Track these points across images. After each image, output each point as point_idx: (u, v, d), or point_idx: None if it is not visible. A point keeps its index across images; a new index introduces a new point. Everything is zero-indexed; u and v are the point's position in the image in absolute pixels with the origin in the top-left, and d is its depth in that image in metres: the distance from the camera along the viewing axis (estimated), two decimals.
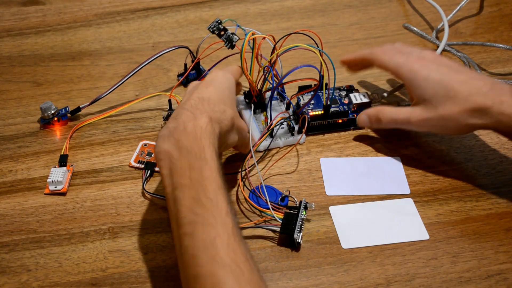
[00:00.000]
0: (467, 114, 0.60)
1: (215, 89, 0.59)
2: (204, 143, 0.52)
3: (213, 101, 0.57)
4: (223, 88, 0.60)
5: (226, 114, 0.57)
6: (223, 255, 0.46)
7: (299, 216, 0.60)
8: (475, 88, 0.60)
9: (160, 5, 0.93)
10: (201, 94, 0.57)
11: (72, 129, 0.72)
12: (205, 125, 0.53)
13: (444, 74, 0.62)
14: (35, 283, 0.57)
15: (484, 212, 0.63)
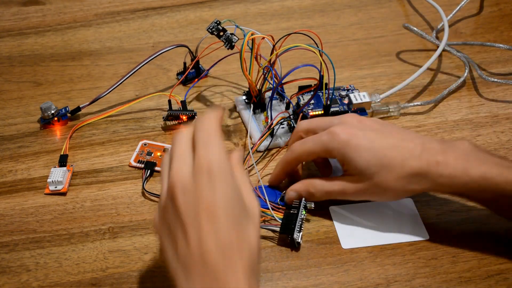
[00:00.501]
0: (404, 181, 0.56)
1: (223, 209, 0.43)
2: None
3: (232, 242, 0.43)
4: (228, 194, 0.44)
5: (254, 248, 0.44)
6: None
7: (299, 216, 0.60)
8: (407, 151, 0.56)
9: (160, 5, 0.93)
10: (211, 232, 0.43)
11: (72, 129, 0.72)
12: None
13: (372, 140, 0.57)
14: (35, 283, 0.57)
15: (484, 212, 0.63)
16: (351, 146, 0.57)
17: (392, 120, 0.74)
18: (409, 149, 0.56)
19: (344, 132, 0.58)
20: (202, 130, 0.46)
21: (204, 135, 0.46)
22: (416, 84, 0.79)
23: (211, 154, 0.44)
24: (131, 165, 0.68)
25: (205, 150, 0.44)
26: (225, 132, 0.72)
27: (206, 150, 0.44)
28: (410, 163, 0.56)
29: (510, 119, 0.74)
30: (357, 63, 0.82)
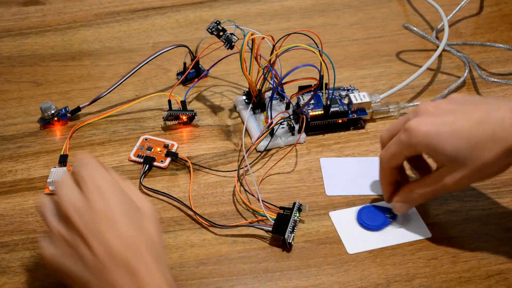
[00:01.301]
0: (502, 155, 0.52)
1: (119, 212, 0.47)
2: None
3: (135, 236, 0.46)
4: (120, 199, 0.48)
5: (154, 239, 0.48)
6: None
7: (292, 217, 0.60)
8: (497, 123, 0.52)
9: (160, 5, 0.93)
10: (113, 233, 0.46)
11: (72, 129, 0.72)
12: (157, 283, 0.45)
13: (452, 123, 0.53)
14: (35, 283, 0.57)
15: (484, 212, 0.63)
16: (432, 136, 0.54)
17: (392, 120, 0.74)
18: (497, 120, 0.52)
19: (421, 124, 0.54)
20: (82, 166, 0.50)
21: (85, 168, 0.49)
22: (416, 84, 0.79)
23: (96, 176, 0.48)
24: (131, 159, 0.68)
25: (90, 176, 0.48)
26: (225, 132, 0.72)
27: (91, 176, 0.48)
28: (502, 135, 0.51)
29: None
30: (357, 63, 0.82)
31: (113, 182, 0.49)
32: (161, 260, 0.47)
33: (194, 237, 0.61)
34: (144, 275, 0.45)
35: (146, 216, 0.49)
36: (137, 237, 0.46)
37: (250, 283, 0.57)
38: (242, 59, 0.66)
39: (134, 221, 0.47)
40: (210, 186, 0.66)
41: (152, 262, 0.46)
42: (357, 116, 0.72)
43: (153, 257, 0.46)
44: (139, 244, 0.46)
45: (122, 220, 0.47)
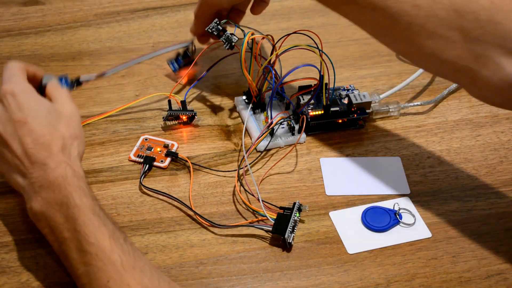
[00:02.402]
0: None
1: (32, 117, 0.55)
2: (69, 190, 0.52)
3: (45, 136, 0.55)
4: (35, 106, 0.57)
5: (66, 136, 0.57)
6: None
7: (292, 217, 0.60)
8: None
9: (160, 5, 0.93)
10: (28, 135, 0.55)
11: None
12: (64, 171, 0.53)
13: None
14: (35, 283, 0.57)
15: (484, 212, 0.63)
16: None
17: (392, 120, 0.74)
18: None
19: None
20: (5, 72, 0.59)
21: (5, 74, 0.59)
22: (416, 84, 0.79)
23: (13, 83, 0.57)
24: (131, 159, 0.68)
25: (7, 83, 0.57)
26: (225, 132, 0.72)
27: (8, 83, 0.57)
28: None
29: (510, 119, 0.74)
30: (357, 63, 0.82)
31: (27, 88, 0.58)
32: (70, 154, 0.55)
33: (194, 237, 0.61)
34: (52, 166, 0.53)
35: (63, 118, 0.57)
36: (48, 136, 0.55)
37: (250, 283, 0.57)
38: (242, 59, 0.66)
39: (46, 123, 0.55)
40: (210, 186, 0.66)
41: (60, 155, 0.54)
42: (357, 116, 0.72)
43: (63, 152, 0.55)
44: (49, 142, 0.54)
45: (34, 122, 0.55)
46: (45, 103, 0.58)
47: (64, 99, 0.60)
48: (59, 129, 0.56)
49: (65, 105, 0.59)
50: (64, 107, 0.59)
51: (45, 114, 0.56)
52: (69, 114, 0.58)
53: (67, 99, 0.60)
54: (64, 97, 0.60)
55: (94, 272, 0.50)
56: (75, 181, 0.53)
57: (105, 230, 0.51)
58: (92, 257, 0.50)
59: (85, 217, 0.51)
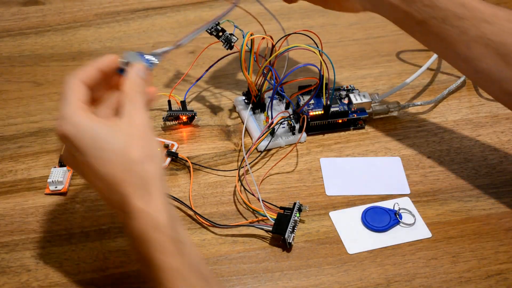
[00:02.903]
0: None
1: (93, 157, 0.47)
2: (150, 249, 0.46)
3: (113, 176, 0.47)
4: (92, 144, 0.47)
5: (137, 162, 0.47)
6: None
7: (292, 217, 0.60)
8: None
9: (160, 5, 0.93)
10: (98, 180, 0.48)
11: None
12: (141, 225, 0.46)
13: None
14: (35, 283, 0.57)
15: (484, 212, 0.63)
16: None
17: (392, 120, 0.74)
18: None
19: None
20: (60, 99, 0.50)
21: (60, 102, 0.49)
22: (416, 84, 0.79)
23: (63, 122, 0.48)
24: None
25: (59, 119, 0.48)
26: (225, 132, 0.72)
27: (59, 119, 0.48)
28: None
29: (510, 119, 0.74)
30: (357, 63, 0.82)
31: (80, 125, 0.47)
32: (145, 189, 0.47)
33: (194, 237, 0.61)
34: (129, 217, 0.46)
35: (130, 138, 0.48)
36: (115, 174, 0.47)
37: (250, 283, 0.57)
38: (242, 59, 0.66)
39: (110, 158, 0.47)
40: (210, 186, 0.66)
41: (135, 200, 0.46)
42: (357, 116, 0.72)
43: (135, 192, 0.46)
44: (119, 183, 0.46)
45: (98, 164, 0.47)
46: (104, 133, 0.47)
47: (136, 107, 0.49)
48: (127, 158, 0.47)
49: (135, 116, 0.49)
50: (134, 119, 0.49)
51: (106, 148, 0.47)
52: (138, 129, 0.48)
53: (138, 106, 0.49)
54: (136, 104, 0.49)
55: None
56: (156, 236, 0.46)
57: None
58: None
59: (169, 283, 0.45)
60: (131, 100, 0.49)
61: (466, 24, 0.56)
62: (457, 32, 0.57)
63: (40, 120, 0.73)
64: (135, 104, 0.49)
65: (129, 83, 0.50)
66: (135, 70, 0.51)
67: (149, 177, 0.47)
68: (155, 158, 0.48)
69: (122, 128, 0.48)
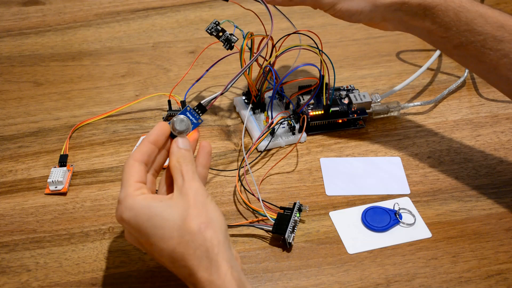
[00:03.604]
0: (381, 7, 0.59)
1: (154, 236, 0.48)
2: None
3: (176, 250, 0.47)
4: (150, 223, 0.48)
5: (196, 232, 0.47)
6: None
7: (292, 217, 0.60)
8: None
9: (160, 5, 0.93)
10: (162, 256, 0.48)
11: (72, 128, 0.72)
12: None
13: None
14: (35, 283, 0.57)
15: (484, 212, 0.63)
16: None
17: (392, 120, 0.74)
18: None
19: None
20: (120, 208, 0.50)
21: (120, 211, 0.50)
22: (416, 84, 0.79)
23: (121, 209, 0.50)
24: None
25: (118, 204, 0.50)
26: (225, 132, 0.72)
27: (118, 205, 0.50)
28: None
29: (510, 119, 0.74)
30: (357, 63, 0.82)
31: (135, 207, 0.49)
32: (210, 259, 0.47)
33: None
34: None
35: (187, 210, 0.48)
36: (179, 249, 0.47)
37: (250, 283, 0.57)
38: (242, 59, 0.66)
39: (171, 234, 0.47)
40: (210, 186, 0.66)
41: (201, 272, 0.46)
42: (357, 116, 0.72)
43: (200, 263, 0.47)
44: (184, 257, 0.47)
45: (160, 242, 0.48)
46: (159, 211, 0.48)
47: (185, 178, 0.50)
48: (186, 230, 0.47)
49: (186, 188, 0.50)
50: (186, 191, 0.50)
51: (163, 225, 0.48)
52: (192, 198, 0.49)
53: (187, 177, 0.50)
54: (185, 173, 0.51)
55: None
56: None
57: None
58: None
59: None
60: (179, 173, 0.51)
61: (506, 47, 0.56)
62: (498, 55, 0.56)
63: (40, 120, 0.73)
64: (183, 176, 0.50)
65: (173, 158, 0.52)
66: (176, 144, 0.53)
67: (210, 245, 0.47)
68: (214, 224, 0.48)
69: (176, 202, 0.49)
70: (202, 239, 0.47)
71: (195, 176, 0.51)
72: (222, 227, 0.49)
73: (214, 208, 0.49)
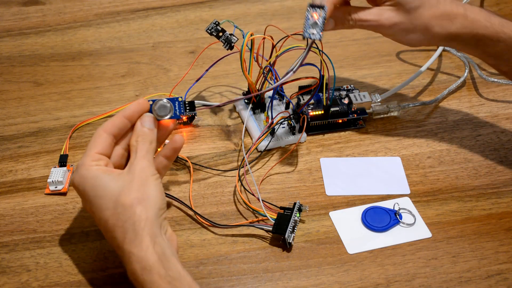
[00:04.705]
0: (436, 19, 0.61)
1: (94, 205, 0.52)
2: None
3: (110, 222, 0.50)
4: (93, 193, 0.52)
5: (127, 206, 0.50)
6: None
7: (292, 217, 0.60)
8: (453, 5, 0.62)
9: (160, 5, 0.93)
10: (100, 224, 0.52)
11: (72, 129, 0.72)
12: (133, 267, 0.49)
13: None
14: (35, 283, 0.57)
15: (484, 212, 0.63)
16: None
17: (392, 120, 0.74)
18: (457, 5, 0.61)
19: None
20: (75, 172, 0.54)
21: (74, 176, 0.54)
22: (416, 84, 0.79)
23: (75, 174, 0.54)
24: None
25: (75, 171, 0.54)
26: (225, 132, 0.72)
27: (75, 171, 0.54)
28: (445, 3, 0.61)
29: (510, 119, 0.74)
30: (357, 63, 0.82)
31: (87, 177, 0.52)
32: (135, 233, 0.49)
33: (194, 237, 0.61)
34: (125, 261, 0.50)
35: (128, 185, 0.51)
36: (112, 221, 0.50)
37: (250, 283, 0.57)
38: (242, 59, 0.66)
39: (107, 205, 0.51)
40: (210, 186, 0.66)
41: (127, 245, 0.49)
42: (357, 116, 0.72)
43: (127, 237, 0.49)
44: (114, 229, 0.50)
45: (99, 212, 0.51)
46: (103, 183, 0.52)
47: (138, 156, 0.53)
48: (119, 203, 0.50)
49: (135, 164, 0.53)
50: (134, 167, 0.53)
51: (103, 196, 0.51)
52: (137, 174, 0.52)
53: (140, 155, 0.53)
54: (138, 151, 0.54)
55: None
56: (147, 277, 0.48)
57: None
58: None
59: None
60: (134, 150, 0.54)
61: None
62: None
63: (40, 120, 0.73)
64: (137, 153, 0.54)
65: (134, 135, 0.55)
66: (141, 122, 0.56)
67: (137, 219, 0.50)
68: (148, 201, 0.51)
69: (122, 177, 0.52)
70: (131, 213, 0.50)
71: (147, 155, 0.54)
72: (157, 205, 0.51)
73: (155, 188, 0.52)
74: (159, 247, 0.49)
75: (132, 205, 0.50)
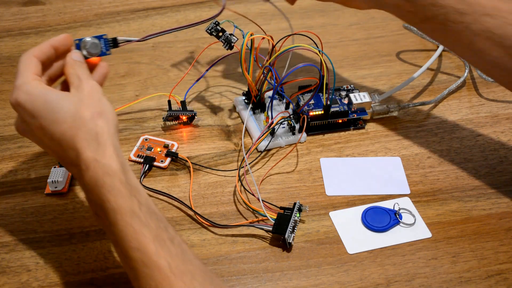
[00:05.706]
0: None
1: (46, 119, 0.51)
2: (103, 192, 0.48)
3: (66, 133, 0.50)
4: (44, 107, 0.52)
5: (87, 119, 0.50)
6: None
7: (292, 217, 0.60)
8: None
9: (160, 5, 0.93)
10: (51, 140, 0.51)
11: None
12: (94, 173, 0.49)
13: None
14: (35, 283, 0.57)
15: (484, 212, 0.63)
16: None
17: (392, 120, 0.74)
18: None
19: None
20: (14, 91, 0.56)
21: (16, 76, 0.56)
22: (416, 84, 0.79)
23: (16, 91, 0.55)
24: (130, 159, 0.68)
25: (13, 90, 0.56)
26: (225, 132, 0.72)
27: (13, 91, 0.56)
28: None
29: (510, 119, 0.74)
30: (357, 63, 0.82)
31: (33, 93, 0.53)
32: (97, 142, 0.50)
33: (194, 237, 0.61)
34: (83, 168, 0.49)
35: (80, 101, 0.52)
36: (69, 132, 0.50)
37: (250, 283, 0.57)
38: (242, 60, 0.66)
39: (63, 118, 0.51)
40: (210, 186, 0.66)
41: (88, 152, 0.49)
42: (357, 116, 0.72)
43: (89, 145, 0.50)
44: (72, 139, 0.50)
45: (51, 126, 0.51)
46: (55, 97, 0.52)
47: (82, 78, 0.54)
48: (78, 116, 0.51)
49: (82, 84, 0.54)
50: (82, 87, 0.53)
51: (58, 110, 0.51)
52: (88, 92, 0.53)
53: (83, 76, 0.55)
54: (81, 75, 0.55)
55: (142, 277, 0.47)
56: (108, 180, 0.48)
57: (147, 233, 0.47)
58: (138, 263, 0.47)
59: (123, 221, 0.48)
60: (75, 76, 0.55)
61: (467, 19, 0.58)
62: (460, 27, 0.58)
63: None
64: (80, 76, 0.55)
65: (68, 65, 0.56)
66: (71, 56, 0.58)
67: (100, 131, 0.50)
68: (106, 115, 0.52)
69: (73, 95, 0.53)
70: (93, 125, 0.50)
71: (90, 77, 0.56)
72: (114, 121, 0.52)
73: (108, 104, 0.53)
74: (122, 158, 0.50)
75: (93, 117, 0.51)
